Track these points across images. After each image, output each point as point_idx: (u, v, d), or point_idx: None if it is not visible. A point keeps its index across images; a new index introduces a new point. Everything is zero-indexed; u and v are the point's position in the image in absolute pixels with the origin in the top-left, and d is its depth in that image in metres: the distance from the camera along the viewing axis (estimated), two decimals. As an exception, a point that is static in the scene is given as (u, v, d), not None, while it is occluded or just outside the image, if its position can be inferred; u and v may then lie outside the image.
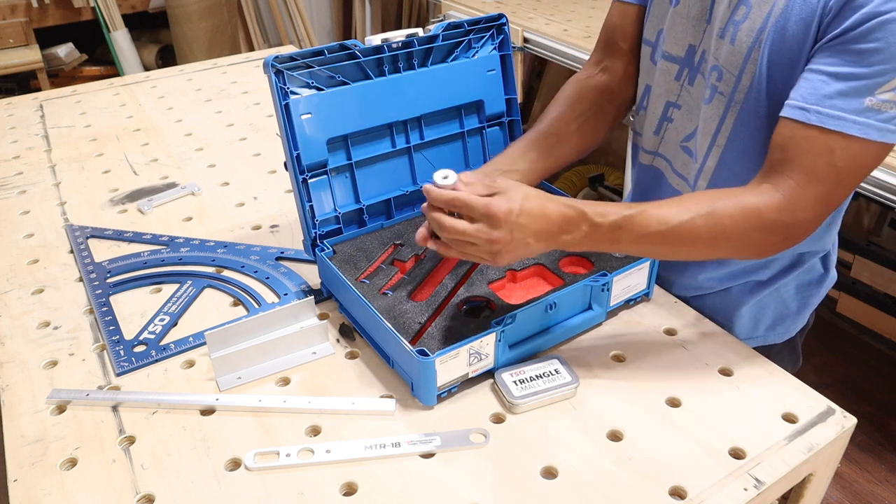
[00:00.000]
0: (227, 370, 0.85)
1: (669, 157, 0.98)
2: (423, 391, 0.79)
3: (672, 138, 0.97)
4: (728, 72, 0.84)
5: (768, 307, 1.00)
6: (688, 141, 0.94)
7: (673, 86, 0.94)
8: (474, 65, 1.03)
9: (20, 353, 0.90)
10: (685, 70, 0.92)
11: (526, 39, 2.29)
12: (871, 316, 2.18)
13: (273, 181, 1.31)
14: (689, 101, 0.92)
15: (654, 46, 0.96)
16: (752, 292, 0.99)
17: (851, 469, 1.89)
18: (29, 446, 0.77)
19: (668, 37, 0.92)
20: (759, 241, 0.77)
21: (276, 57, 0.87)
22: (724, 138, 0.88)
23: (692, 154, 0.93)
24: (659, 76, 0.96)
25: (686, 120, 0.93)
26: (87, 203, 1.25)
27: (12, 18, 3.03)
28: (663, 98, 0.96)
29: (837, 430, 0.76)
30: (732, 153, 0.88)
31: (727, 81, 0.84)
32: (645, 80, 1.00)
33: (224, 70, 1.86)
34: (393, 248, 0.97)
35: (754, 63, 0.81)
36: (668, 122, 0.96)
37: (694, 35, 0.89)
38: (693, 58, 0.90)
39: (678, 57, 0.92)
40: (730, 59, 0.83)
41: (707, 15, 0.87)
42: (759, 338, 1.02)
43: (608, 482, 0.71)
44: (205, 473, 0.73)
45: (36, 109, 1.65)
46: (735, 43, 0.82)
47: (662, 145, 0.99)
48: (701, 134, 0.90)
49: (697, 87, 0.90)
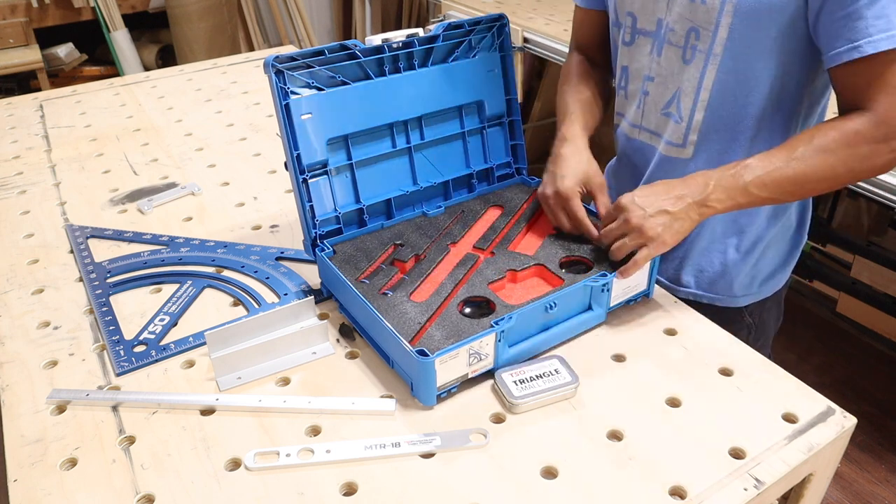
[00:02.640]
0: (227, 370, 0.85)
1: (652, 127, 1.06)
2: (422, 391, 0.79)
3: (651, 109, 1.03)
4: (704, 29, 0.91)
5: (762, 262, 1.09)
6: (669, 107, 1.00)
7: (647, 60, 1.02)
8: (474, 65, 1.03)
9: (20, 353, 0.90)
10: (655, 42, 0.98)
11: (526, 39, 2.29)
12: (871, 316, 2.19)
13: (273, 181, 1.31)
14: (661, 71, 0.99)
15: (627, 28, 1.03)
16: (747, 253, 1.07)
17: (851, 469, 1.89)
18: (29, 446, 0.77)
19: (640, 16, 1.00)
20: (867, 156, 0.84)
21: (276, 57, 0.87)
22: (708, 92, 0.95)
23: (675, 117, 1.00)
24: (636, 53, 1.03)
25: (662, 89, 1.01)
26: (87, 203, 1.25)
27: (12, 18, 3.03)
28: (640, 73, 1.03)
29: (837, 430, 0.76)
30: (719, 102, 0.95)
31: (704, 38, 0.92)
32: (621, 63, 1.07)
33: (224, 70, 1.86)
34: (393, 248, 0.97)
35: (729, 14, 0.88)
36: (645, 96, 1.04)
37: (661, 9, 0.97)
38: (661, 30, 0.97)
39: (651, 31, 1.00)
40: (704, 17, 0.91)
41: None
42: (754, 294, 1.10)
43: (608, 482, 0.71)
44: (205, 473, 0.73)
45: (36, 109, 1.65)
46: (706, 2, 0.89)
47: (644, 117, 1.06)
48: (684, 94, 0.98)
49: (666, 55, 0.98)
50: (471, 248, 0.98)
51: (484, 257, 0.95)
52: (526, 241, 0.99)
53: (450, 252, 0.97)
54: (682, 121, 0.99)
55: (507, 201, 1.06)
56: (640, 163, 1.11)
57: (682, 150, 1.02)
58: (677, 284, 1.11)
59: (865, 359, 2.23)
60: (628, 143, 1.12)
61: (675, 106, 1.00)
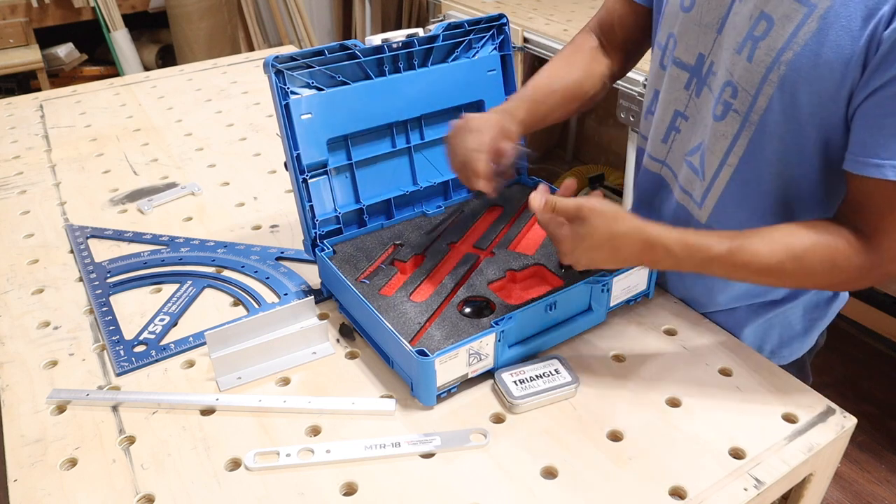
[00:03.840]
0: (227, 370, 0.85)
1: (675, 168, 0.95)
2: (422, 391, 0.79)
3: (678, 149, 0.93)
4: (743, 90, 0.79)
5: (773, 329, 0.97)
6: (692, 155, 0.90)
7: (682, 94, 0.90)
8: (474, 65, 1.03)
9: (20, 353, 0.90)
10: (693, 80, 0.88)
11: (526, 39, 2.29)
12: (871, 316, 2.18)
13: (273, 181, 1.31)
14: (696, 113, 0.89)
15: (663, 51, 0.93)
16: (757, 313, 0.96)
17: (851, 469, 1.89)
18: (29, 446, 0.77)
19: (679, 42, 0.88)
20: (844, 281, 0.78)
21: (276, 57, 0.87)
22: (737, 158, 0.83)
23: (697, 171, 0.90)
24: (668, 82, 0.92)
25: (691, 132, 0.90)
26: (87, 203, 1.25)
27: (12, 18, 3.03)
28: (672, 106, 0.92)
29: (837, 430, 0.76)
30: (745, 175, 0.84)
31: (742, 100, 0.80)
32: (654, 85, 0.97)
33: (224, 70, 1.86)
34: (393, 248, 0.97)
35: (772, 85, 0.76)
36: (676, 133, 0.93)
37: (705, 44, 0.85)
38: (702, 68, 0.86)
39: (688, 65, 0.88)
40: (745, 77, 0.78)
41: (719, 24, 0.82)
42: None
43: (608, 482, 0.71)
44: (205, 473, 0.73)
45: (36, 109, 1.65)
46: (752, 61, 0.77)
47: (670, 155, 0.95)
48: (709, 151, 0.86)
49: (703, 99, 0.86)
50: (471, 248, 0.98)
51: (484, 257, 0.95)
52: (526, 241, 0.99)
53: (450, 252, 0.97)
54: (704, 179, 0.88)
55: (507, 201, 1.06)
56: (657, 200, 1.00)
57: (698, 210, 0.91)
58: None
59: (865, 359, 2.23)
60: (648, 175, 1.01)
61: (699, 159, 0.88)
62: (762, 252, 0.75)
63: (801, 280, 0.77)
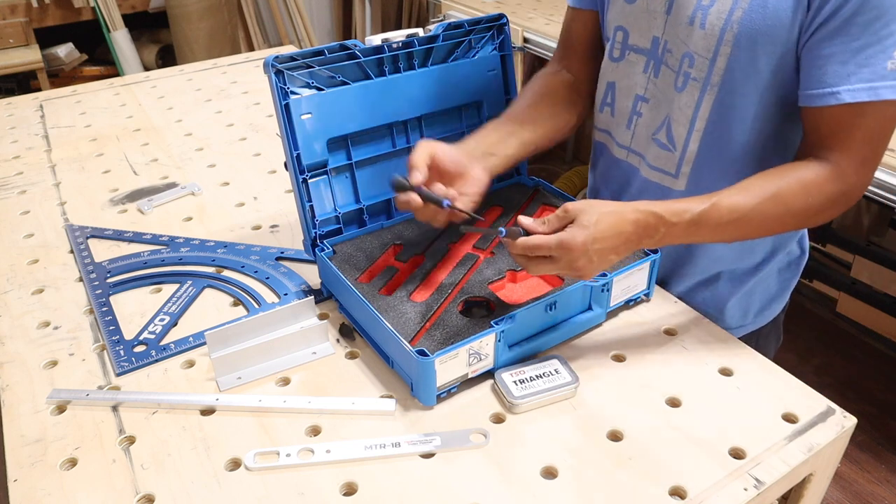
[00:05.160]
0: (227, 370, 0.85)
1: (642, 151, 0.99)
2: (422, 391, 0.79)
3: (642, 132, 0.97)
4: (701, 56, 0.85)
5: (755, 294, 1.03)
6: (658, 132, 0.95)
7: (640, 79, 0.95)
8: (474, 65, 1.03)
9: (20, 353, 0.90)
10: (651, 62, 0.93)
11: (526, 39, 2.29)
12: (871, 316, 2.19)
13: (273, 181, 1.31)
14: (657, 93, 0.93)
15: (611, 44, 0.98)
16: (737, 285, 1.02)
17: (851, 469, 1.89)
18: (29, 446, 0.77)
19: (631, 32, 0.94)
20: (820, 210, 0.82)
21: (276, 57, 0.87)
22: (703, 122, 0.89)
23: (667, 145, 0.94)
24: (625, 70, 0.97)
25: (655, 112, 0.94)
26: (87, 203, 1.25)
27: (12, 18, 3.03)
28: (632, 91, 0.97)
29: (837, 430, 0.76)
30: (714, 135, 0.89)
31: (700, 66, 0.86)
32: (606, 78, 1.01)
33: (224, 70, 1.86)
34: (393, 249, 0.97)
35: (728, 44, 0.82)
36: (638, 117, 0.97)
37: (657, 27, 0.90)
38: (657, 49, 0.91)
39: (644, 49, 0.93)
40: (702, 44, 0.84)
41: (667, 6, 0.88)
42: (748, 325, 1.05)
43: (608, 482, 0.71)
44: (205, 473, 0.73)
45: (36, 109, 1.65)
46: (706, 27, 0.83)
47: (634, 140, 0.99)
48: (675, 122, 0.92)
49: (663, 77, 0.91)
50: (471, 248, 0.98)
51: (484, 257, 0.95)
52: (526, 241, 0.99)
53: (450, 252, 0.97)
54: (676, 150, 0.93)
55: (507, 201, 1.06)
56: (622, 184, 1.04)
57: (674, 180, 0.95)
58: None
59: (865, 359, 2.23)
60: (613, 164, 1.05)
61: (666, 133, 0.94)
62: (741, 201, 0.79)
63: (783, 219, 0.81)
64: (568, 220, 0.75)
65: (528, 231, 0.76)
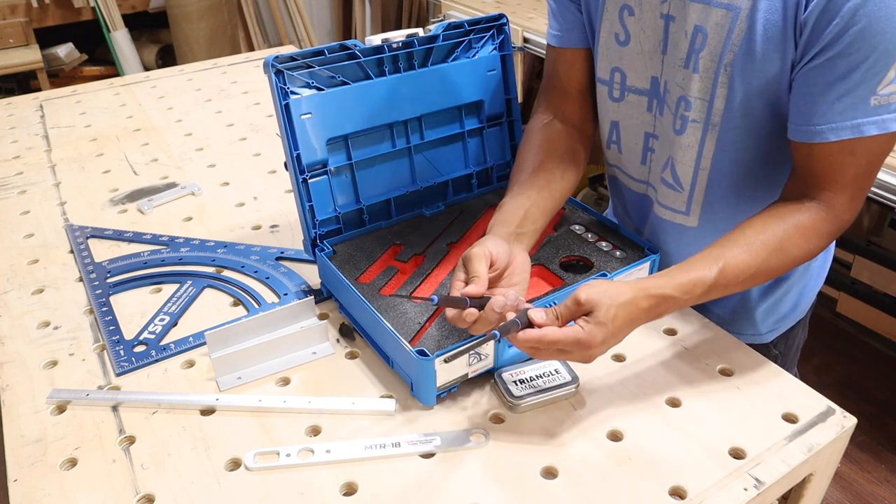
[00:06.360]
0: (227, 370, 0.85)
1: (655, 186, 0.98)
2: (422, 391, 0.79)
3: (655, 168, 0.96)
4: (699, 99, 0.84)
5: (785, 299, 1.04)
6: (664, 171, 0.94)
7: (647, 117, 0.94)
8: (474, 65, 1.03)
9: (20, 353, 0.90)
10: (654, 101, 0.92)
11: (526, 39, 2.29)
12: (871, 316, 2.18)
13: (273, 181, 1.31)
14: (663, 131, 0.92)
15: (610, 85, 0.95)
16: (767, 293, 1.02)
17: (851, 469, 1.89)
18: (29, 446, 0.77)
19: (628, 73, 0.92)
20: (817, 250, 0.82)
21: (276, 57, 0.87)
22: (708, 161, 0.89)
23: (672, 185, 0.94)
24: (629, 110, 0.95)
25: (663, 149, 0.93)
26: (87, 203, 1.25)
27: (12, 18, 3.03)
28: (640, 129, 0.95)
29: (837, 430, 0.76)
30: (722, 171, 0.89)
31: (699, 108, 0.85)
32: (608, 118, 0.98)
33: (224, 70, 1.86)
34: (393, 248, 0.97)
35: (724, 87, 0.82)
36: (652, 153, 0.96)
37: (654, 67, 0.89)
38: (658, 88, 0.90)
39: (645, 89, 0.92)
40: (698, 87, 0.84)
41: (661, 46, 0.87)
42: (779, 327, 1.06)
43: (608, 482, 0.71)
44: (205, 473, 0.73)
45: (36, 109, 1.65)
46: (700, 71, 0.83)
47: (651, 175, 0.98)
48: (679, 163, 0.91)
49: (666, 117, 0.90)
50: (471, 248, 0.98)
51: (484, 257, 0.95)
52: (526, 241, 0.99)
53: (450, 252, 0.97)
54: (683, 190, 0.93)
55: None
56: (642, 216, 1.04)
57: (686, 217, 0.95)
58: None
59: (865, 359, 2.23)
60: (631, 196, 1.04)
61: (672, 174, 0.93)
62: (747, 261, 0.78)
63: (787, 266, 0.82)
64: (581, 313, 0.72)
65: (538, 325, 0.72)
